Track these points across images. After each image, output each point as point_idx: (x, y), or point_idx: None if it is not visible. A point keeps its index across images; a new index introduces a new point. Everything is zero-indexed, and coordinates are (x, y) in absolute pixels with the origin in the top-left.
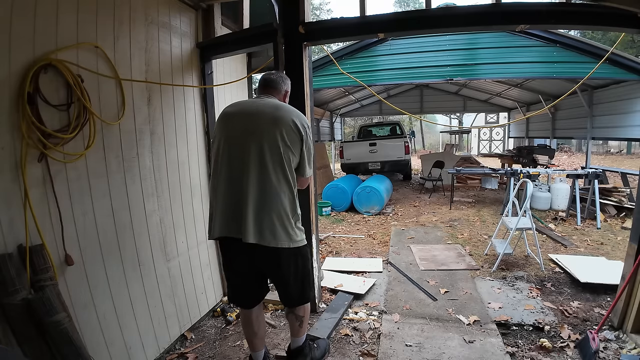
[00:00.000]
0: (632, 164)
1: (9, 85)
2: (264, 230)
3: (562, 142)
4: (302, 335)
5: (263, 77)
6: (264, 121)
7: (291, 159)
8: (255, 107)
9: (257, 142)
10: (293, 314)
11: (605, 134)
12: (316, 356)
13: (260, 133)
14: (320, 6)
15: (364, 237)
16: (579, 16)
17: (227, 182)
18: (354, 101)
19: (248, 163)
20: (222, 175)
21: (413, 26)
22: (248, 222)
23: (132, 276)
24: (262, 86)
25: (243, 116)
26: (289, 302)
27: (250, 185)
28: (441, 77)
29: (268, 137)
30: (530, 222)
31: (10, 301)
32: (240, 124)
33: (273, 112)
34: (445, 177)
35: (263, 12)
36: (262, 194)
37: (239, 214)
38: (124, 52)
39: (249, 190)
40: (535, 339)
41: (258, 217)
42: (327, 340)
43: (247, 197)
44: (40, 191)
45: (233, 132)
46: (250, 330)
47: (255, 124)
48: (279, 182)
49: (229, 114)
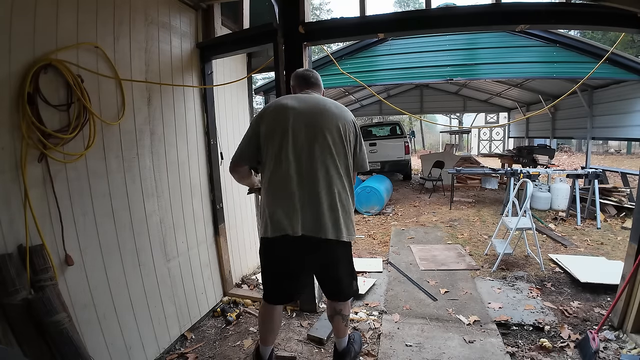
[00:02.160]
0: (632, 164)
1: (9, 85)
2: (339, 225)
3: (562, 142)
4: (347, 335)
5: (304, 74)
6: (330, 119)
7: (350, 155)
8: (322, 104)
9: (324, 139)
10: (340, 315)
11: (605, 134)
12: (357, 350)
13: (328, 130)
14: (320, 6)
15: (364, 237)
16: (579, 16)
17: (294, 179)
18: (354, 101)
19: (315, 160)
20: (287, 171)
21: (413, 26)
22: (324, 219)
23: (132, 276)
24: (307, 82)
25: (308, 112)
26: (339, 296)
27: (320, 182)
28: (441, 77)
29: (334, 135)
30: (530, 222)
31: (11, 301)
32: (306, 119)
33: (336, 110)
34: (445, 177)
35: (263, 12)
36: (331, 190)
37: (311, 211)
38: (124, 52)
39: (319, 187)
40: (536, 339)
41: (332, 214)
42: (357, 332)
43: (318, 194)
44: (40, 191)
45: (298, 125)
46: (270, 326)
47: (322, 120)
48: (341, 178)
49: (290, 107)
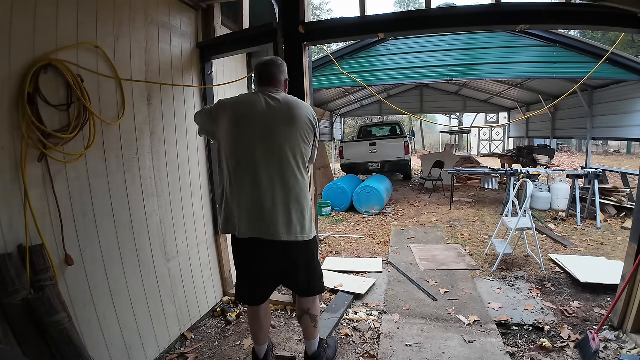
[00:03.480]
0: (632, 164)
1: (9, 85)
2: (293, 227)
3: (562, 142)
4: (317, 337)
5: (261, 68)
6: (281, 124)
7: (307, 154)
8: (270, 109)
9: (278, 145)
10: (308, 315)
11: (605, 134)
12: (330, 356)
13: (280, 136)
14: (320, 6)
15: (364, 237)
16: (579, 16)
17: (251, 185)
18: (354, 101)
19: (270, 164)
20: (244, 178)
21: (413, 26)
22: (278, 222)
23: (132, 276)
24: (264, 79)
25: (258, 119)
26: (307, 292)
27: (276, 187)
28: (441, 77)
29: (288, 139)
30: (530, 222)
31: (10, 301)
32: (256, 126)
33: (289, 112)
34: (445, 177)
35: (263, 12)
36: (287, 194)
37: (269, 215)
38: (124, 52)
39: (275, 192)
40: (535, 339)
41: (287, 217)
42: (334, 338)
43: (275, 198)
44: (40, 191)
45: (249, 134)
46: (258, 324)
47: (273, 126)
48: (297, 180)
49: (241, 116)
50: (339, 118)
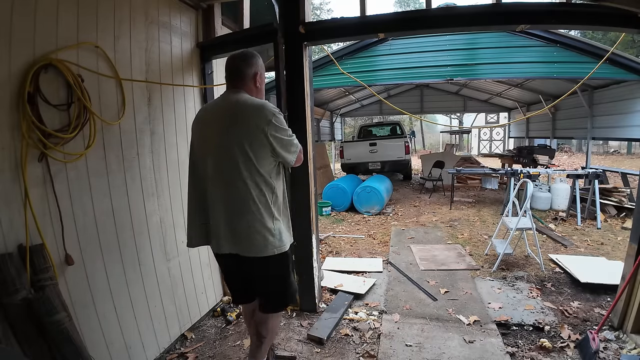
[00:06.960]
0: (632, 164)
1: (9, 85)
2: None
3: (562, 142)
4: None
5: (227, 62)
6: (218, 131)
7: (258, 160)
8: (212, 115)
9: (217, 155)
10: (258, 332)
11: (606, 134)
12: None
13: (220, 145)
14: (320, 6)
15: (364, 237)
16: (579, 16)
17: (198, 197)
18: (354, 101)
19: (213, 175)
20: (194, 189)
21: (413, 26)
22: (220, 235)
23: (132, 276)
24: (229, 77)
25: (205, 125)
26: (262, 307)
27: (218, 199)
28: (441, 77)
29: (224, 149)
30: (530, 222)
31: (11, 301)
32: (204, 133)
33: (228, 119)
34: (445, 177)
35: (263, 12)
36: (232, 206)
37: (214, 228)
38: (124, 52)
39: (217, 204)
40: (535, 339)
41: (231, 230)
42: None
43: (218, 212)
44: (40, 191)
45: (198, 141)
46: (250, 323)
47: (211, 134)
48: (247, 190)
49: (199, 119)
50: (339, 118)
